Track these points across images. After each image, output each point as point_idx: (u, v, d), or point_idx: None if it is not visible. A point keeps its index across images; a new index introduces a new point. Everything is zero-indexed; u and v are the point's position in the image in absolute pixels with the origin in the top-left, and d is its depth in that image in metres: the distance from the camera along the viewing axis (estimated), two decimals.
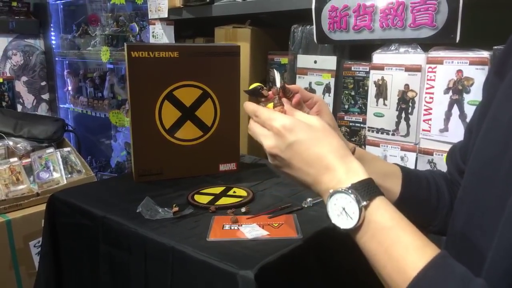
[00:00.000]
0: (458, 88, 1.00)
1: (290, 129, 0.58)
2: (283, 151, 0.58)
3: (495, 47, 0.96)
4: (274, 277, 0.71)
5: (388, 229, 0.52)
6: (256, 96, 0.69)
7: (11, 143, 1.84)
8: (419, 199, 0.74)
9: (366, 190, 0.54)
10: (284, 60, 1.46)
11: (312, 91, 1.34)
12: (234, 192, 1.03)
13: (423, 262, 0.48)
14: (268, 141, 0.60)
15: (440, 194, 0.75)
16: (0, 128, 1.86)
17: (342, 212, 0.54)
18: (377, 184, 0.71)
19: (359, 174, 0.56)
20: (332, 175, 0.56)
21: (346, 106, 1.26)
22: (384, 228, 0.52)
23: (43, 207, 1.05)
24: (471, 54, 0.99)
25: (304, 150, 0.58)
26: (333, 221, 0.55)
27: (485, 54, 0.97)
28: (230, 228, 0.83)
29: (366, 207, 0.53)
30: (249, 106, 0.65)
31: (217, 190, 1.04)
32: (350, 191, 0.53)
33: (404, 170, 0.77)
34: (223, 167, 1.20)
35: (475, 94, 0.98)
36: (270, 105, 0.66)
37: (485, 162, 0.58)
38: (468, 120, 0.99)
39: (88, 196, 1.02)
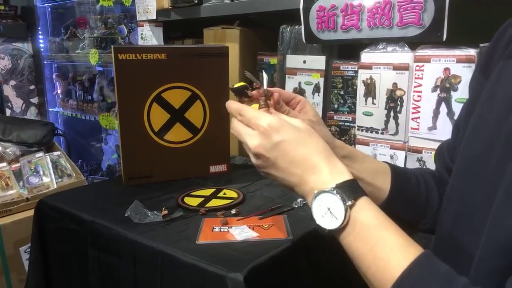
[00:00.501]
0: (446, 86, 1.00)
1: (276, 128, 0.58)
2: (268, 150, 0.58)
3: (482, 44, 0.97)
4: (264, 279, 0.71)
5: (372, 229, 0.52)
6: (240, 96, 0.69)
7: (0, 148, 1.82)
8: (409, 196, 0.74)
9: (351, 190, 0.54)
10: (273, 60, 1.46)
11: (302, 91, 1.34)
12: (225, 193, 1.02)
13: (407, 261, 0.48)
14: (253, 140, 0.59)
15: (429, 192, 0.76)
16: None
17: (327, 213, 0.54)
18: (368, 182, 0.72)
19: (343, 174, 0.56)
20: (317, 175, 0.56)
21: (336, 106, 1.26)
22: (368, 227, 0.52)
23: (33, 212, 1.04)
24: (458, 52, 0.99)
25: (290, 150, 0.57)
26: (317, 222, 0.55)
27: (472, 51, 0.98)
28: (220, 230, 0.83)
29: (351, 206, 0.53)
30: (232, 105, 0.64)
31: (208, 192, 1.04)
32: (335, 191, 0.54)
33: (393, 168, 0.77)
34: (213, 169, 1.20)
35: (462, 92, 0.98)
36: (255, 105, 0.66)
37: (472, 160, 0.58)
38: (455, 117, 1.00)
39: (76, 200, 1.01)
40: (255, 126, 0.59)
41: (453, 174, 0.64)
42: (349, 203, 0.53)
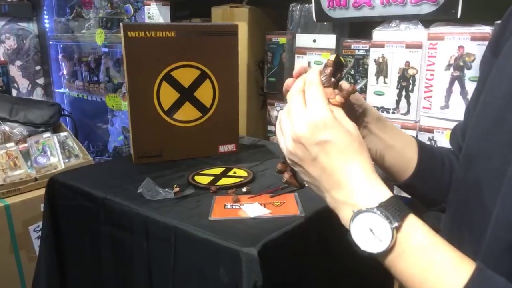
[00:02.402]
0: (459, 64, 0.99)
1: (329, 126, 0.52)
2: (312, 144, 0.52)
3: (497, 22, 0.95)
4: (277, 254, 0.71)
5: (423, 250, 0.48)
6: (333, 69, 0.58)
7: (7, 128, 1.82)
8: (434, 173, 0.72)
9: (396, 209, 0.48)
10: (282, 39, 1.44)
11: None
12: (234, 172, 1.02)
13: (463, 279, 0.45)
14: (299, 126, 0.53)
15: (452, 170, 0.74)
16: None
17: (368, 234, 0.48)
18: (398, 151, 0.69)
19: (385, 191, 0.50)
20: (356, 189, 0.51)
21: None
22: (418, 249, 0.48)
23: (41, 191, 1.05)
24: (473, 30, 0.98)
25: (333, 153, 0.52)
26: (356, 243, 0.50)
27: (486, 29, 0.96)
28: (232, 207, 0.83)
29: (398, 228, 0.47)
30: (312, 75, 0.55)
31: (217, 171, 1.04)
32: (379, 211, 0.48)
33: (420, 142, 0.74)
34: (222, 148, 1.19)
35: (476, 70, 0.97)
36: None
37: (482, 136, 0.57)
38: (469, 96, 0.99)
39: (87, 178, 1.02)
40: (310, 112, 0.53)
41: (462, 152, 0.64)
42: (396, 224, 0.47)
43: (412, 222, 0.49)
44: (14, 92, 2.45)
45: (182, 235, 0.75)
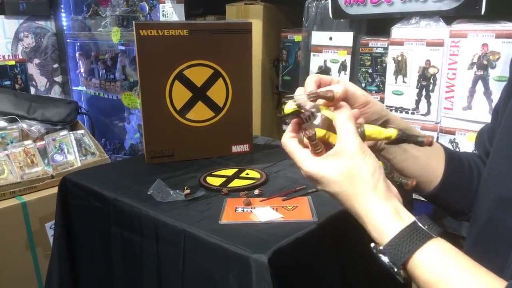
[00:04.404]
0: (483, 63, 0.94)
1: (315, 180, 0.55)
2: (320, 186, 0.56)
3: None
4: (288, 261, 0.69)
5: (438, 280, 0.46)
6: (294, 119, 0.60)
7: (25, 125, 1.85)
8: (462, 181, 0.69)
9: (398, 253, 0.47)
10: (298, 37, 1.41)
11: (328, 69, 1.29)
12: (247, 174, 1.00)
13: None
14: (304, 173, 0.57)
15: (481, 178, 0.70)
16: (14, 111, 1.87)
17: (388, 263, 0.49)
18: (423, 163, 0.67)
19: (388, 229, 0.49)
20: (369, 226, 0.51)
21: (363, 84, 1.22)
22: (432, 281, 0.46)
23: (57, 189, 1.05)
24: (498, 27, 0.93)
25: (334, 198, 0.55)
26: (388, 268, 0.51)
27: None
28: (243, 210, 0.81)
29: (404, 266, 0.47)
30: (283, 144, 0.60)
31: (230, 172, 1.02)
32: (382, 256, 0.48)
33: (447, 150, 0.71)
34: (235, 149, 1.17)
35: (501, 70, 0.92)
36: (325, 110, 0.56)
37: None
38: (493, 97, 0.94)
39: (99, 178, 1.01)
40: (303, 171, 0.57)
41: (490, 157, 0.60)
42: (396, 270, 0.48)
43: (421, 259, 0.47)
44: (33, 90, 2.48)
45: (192, 239, 0.74)
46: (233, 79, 1.11)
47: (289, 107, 0.57)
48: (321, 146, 0.54)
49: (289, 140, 0.58)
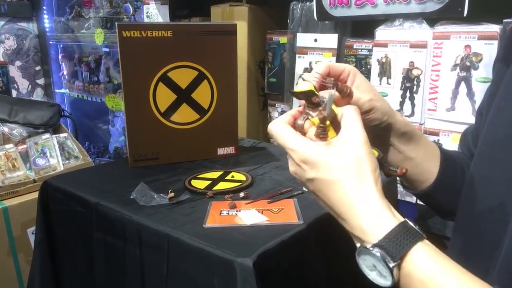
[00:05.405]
0: (466, 64, 0.95)
1: (312, 164, 0.50)
2: (304, 182, 0.53)
3: (506, 20, 0.91)
4: (274, 264, 0.68)
5: (431, 283, 0.44)
6: (303, 100, 0.56)
7: (6, 129, 1.80)
8: (455, 183, 0.68)
9: (397, 245, 0.45)
10: (283, 39, 1.41)
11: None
12: (233, 176, 0.99)
13: None
14: (291, 167, 0.54)
15: None
16: None
17: (373, 269, 0.47)
18: (418, 163, 0.65)
19: (387, 223, 0.47)
20: (356, 223, 0.48)
21: None
22: (426, 283, 0.44)
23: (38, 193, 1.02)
24: (480, 28, 0.94)
25: (325, 189, 0.50)
26: (367, 275, 0.48)
27: (494, 28, 0.92)
28: (228, 214, 0.80)
29: (398, 265, 0.45)
30: (274, 129, 0.55)
31: (215, 174, 1.01)
32: (375, 250, 0.45)
33: (443, 151, 0.70)
34: (221, 151, 1.16)
35: (483, 71, 0.94)
36: (316, 120, 0.54)
37: (496, 144, 0.55)
38: (476, 98, 0.95)
39: (81, 182, 0.99)
40: (290, 156, 0.53)
41: (474, 159, 0.61)
42: (394, 264, 0.44)
43: (416, 256, 0.45)
44: (14, 93, 2.44)
45: (175, 244, 0.72)
46: (218, 81, 1.10)
47: (304, 86, 0.53)
48: (327, 132, 0.52)
49: (282, 124, 0.54)
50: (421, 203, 0.80)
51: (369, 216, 0.47)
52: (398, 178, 0.76)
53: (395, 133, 0.63)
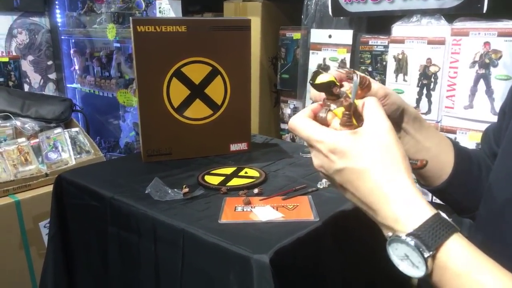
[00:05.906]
0: (485, 61, 0.94)
1: (341, 153, 0.49)
2: (331, 174, 0.51)
3: None
4: (290, 261, 0.68)
5: (465, 276, 0.43)
6: (323, 92, 0.55)
7: (18, 123, 1.82)
8: (471, 178, 0.68)
9: (432, 235, 0.43)
10: (296, 35, 1.40)
11: (327, 67, 1.28)
12: (246, 172, 0.99)
13: None
14: (316, 160, 0.52)
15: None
16: (7, 108, 1.84)
17: (405, 259, 0.45)
18: (434, 154, 0.64)
19: (422, 210, 0.45)
20: (389, 211, 0.46)
21: None
22: (460, 276, 0.43)
23: (52, 187, 1.03)
24: (500, 25, 0.92)
25: (355, 179, 0.49)
26: (397, 266, 0.46)
27: None
28: (243, 210, 0.79)
29: (433, 256, 0.43)
30: (296, 124, 0.53)
31: (228, 170, 1.00)
32: (410, 238, 0.44)
33: (456, 144, 0.69)
34: (234, 147, 1.16)
35: (503, 68, 0.92)
36: (338, 110, 0.53)
37: None
38: (495, 96, 0.93)
39: (95, 176, 0.99)
40: (317, 149, 0.51)
41: (498, 159, 0.59)
42: (429, 254, 0.43)
43: (452, 247, 0.43)
44: (26, 87, 2.45)
45: (191, 239, 0.72)
46: (231, 76, 1.10)
47: (324, 77, 0.53)
48: (352, 119, 0.51)
49: (305, 118, 0.53)
50: (435, 201, 0.79)
51: (403, 204, 0.46)
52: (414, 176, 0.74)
53: (409, 118, 0.63)
